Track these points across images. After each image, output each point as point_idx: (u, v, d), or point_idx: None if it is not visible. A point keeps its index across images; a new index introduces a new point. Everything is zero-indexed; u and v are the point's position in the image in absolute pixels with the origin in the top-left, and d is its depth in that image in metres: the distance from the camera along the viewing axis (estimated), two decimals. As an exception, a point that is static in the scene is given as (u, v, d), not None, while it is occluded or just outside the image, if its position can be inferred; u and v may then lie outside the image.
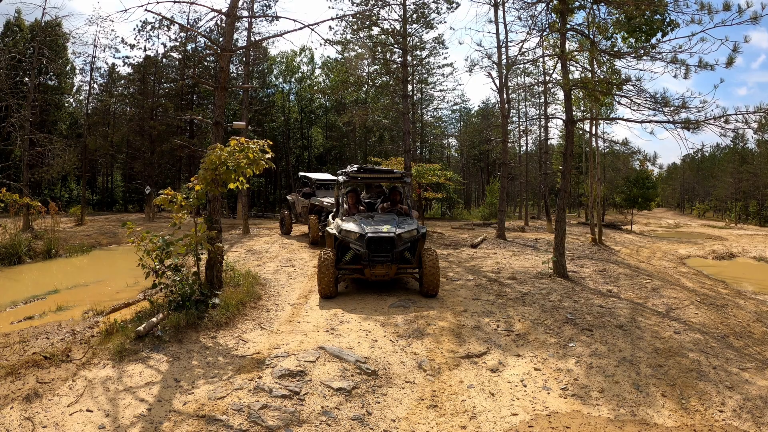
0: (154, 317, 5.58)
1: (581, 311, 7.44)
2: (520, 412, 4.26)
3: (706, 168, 67.90)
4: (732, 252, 21.74)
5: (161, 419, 3.68)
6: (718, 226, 41.26)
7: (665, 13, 10.79)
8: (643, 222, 45.85)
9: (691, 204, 74.23)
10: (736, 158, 54.10)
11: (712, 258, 20.16)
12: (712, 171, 64.16)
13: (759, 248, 22.29)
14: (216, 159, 5.93)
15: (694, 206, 70.32)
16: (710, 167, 65.56)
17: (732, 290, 12.82)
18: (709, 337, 7.11)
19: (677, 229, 39.12)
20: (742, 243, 25.11)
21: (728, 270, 16.88)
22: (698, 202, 69.96)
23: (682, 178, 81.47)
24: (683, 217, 62.65)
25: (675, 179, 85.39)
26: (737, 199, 53.12)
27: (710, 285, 13.36)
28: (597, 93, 9.80)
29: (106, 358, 4.89)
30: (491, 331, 6.24)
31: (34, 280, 11.19)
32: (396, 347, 5.35)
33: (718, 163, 62.10)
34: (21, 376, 4.77)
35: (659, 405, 4.82)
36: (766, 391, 5.22)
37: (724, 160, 59.38)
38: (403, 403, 4.13)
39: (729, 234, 32.08)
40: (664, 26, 11.38)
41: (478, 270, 10.42)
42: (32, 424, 3.80)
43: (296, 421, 3.64)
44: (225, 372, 4.46)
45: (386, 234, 7.51)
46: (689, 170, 76.14)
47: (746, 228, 40.20)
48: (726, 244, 24.54)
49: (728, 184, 55.43)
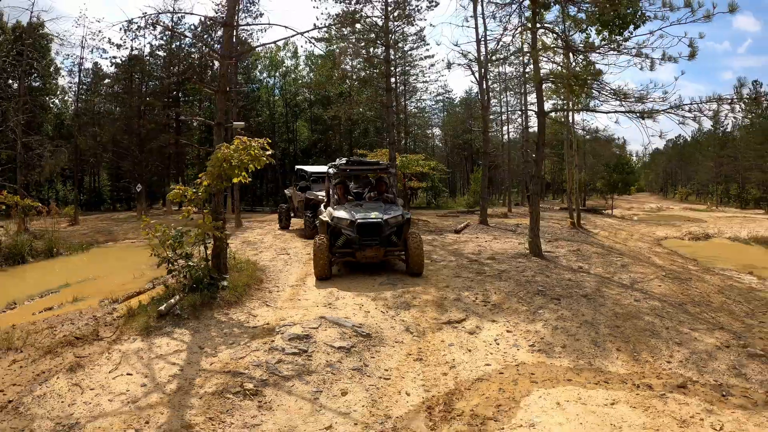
0: (172, 299, 6.29)
1: (551, 284, 8.31)
2: (493, 363, 5.08)
3: (688, 153, 68.83)
4: (708, 233, 22.67)
5: (193, 376, 4.43)
6: (700, 210, 42.38)
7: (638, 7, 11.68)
8: (625, 207, 47.01)
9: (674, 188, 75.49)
10: (717, 143, 55.44)
11: (688, 239, 21.03)
12: (693, 156, 65.39)
13: (735, 229, 23.20)
14: (222, 157, 6.63)
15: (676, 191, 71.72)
16: (692, 152, 66.60)
17: (701, 267, 13.79)
18: (667, 304, 8.02)
19: (659, 213, 40.07)
20: (720, 225, 25.95)
21: (703, 250, 17.73)
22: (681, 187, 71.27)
23: (665, 163, 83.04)
24: (666, 201, 64.08)
25: (658, 164, 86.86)
26: (718, 182, 54.65)
27: (681, 263, 14.35)
28: (565, 86, 10.63)
29: (134, 334, 5.60)
30: (470, 302, 7.07)
31: (43, 277, 11.74)
32: (386, 316, 6.14)
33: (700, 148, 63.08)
34: (59, 354, 5.46)
35: (613, 357, 5.68)
36: (713, 347, 6.08)
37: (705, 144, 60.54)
38: (394, 358, 4.93)
39: (709, 216, 33.04)
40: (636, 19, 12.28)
41: (461, 252, 11.25)
42: (80, 388, 4.52)
43: (307, 372, 4.42)
44: (241, 339, 5.22)
45: (374, 220, 8.29)
46: (672, 155, 77.35)
47: (727, 211, 41.37)
48: (703, 226, 25.40)
49: (709, 169, 56.94)
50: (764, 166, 41.14)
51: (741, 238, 20.47)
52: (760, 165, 42.42)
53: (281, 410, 3.83)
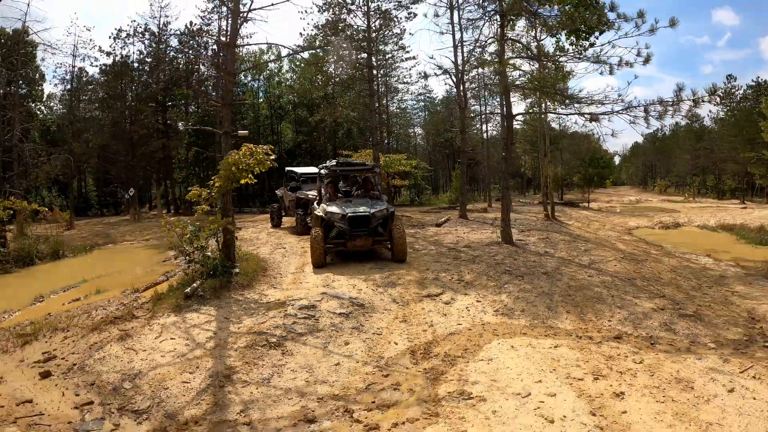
0: (194, 283, 7.41)
1: (518, 265, 9.62)
2: (463, 323, 6.33)
3: (667, 146, 69.95)
4: (678, 222, 23.82)
5: (226, 337, 5.59)
6: (677, 201, 43.65)
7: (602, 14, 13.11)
8: (605, 199, 48.41)
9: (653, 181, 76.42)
10: (693, 136, 56.86)
11: (659, 228, 22.08)
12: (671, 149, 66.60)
13: (704, 218, 24.23)
14: (232, 161, 7.76)
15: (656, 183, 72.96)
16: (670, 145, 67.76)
17: (664, 251, 15.15)
18: (618, 279, 9.38)
19: (637, 204, 41.12)
20: (691, 214, 27.04)
21: (670, 237, 18.82)
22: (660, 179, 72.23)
23: (644, 156, 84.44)
24: (646, 193, 65.29)
25: (638, 157, 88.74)
26: (695, 174, 56.65)
27: (645, 248, 15.75)
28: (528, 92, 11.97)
29: (167, 311, 6.72)
30: (447, 281, 8.33)
31: (56, 276, 12.65)
32: (376, 292, 7.36)
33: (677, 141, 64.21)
34: (104, 330, 6.54)
35: (563, 318, 6.98)
36: (650, 310, 7.41)
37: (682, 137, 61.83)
38: (384, 320, 6.15)
39: (683, 207, 34.22)
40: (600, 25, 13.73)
41: (440, 242, 12.52)
42: (134, 351, 5.64)
43: (316, 330, 5.62)
44: (259, 311, 6.38)
45: (363, 213, 9.50)
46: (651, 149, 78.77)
47: (703, 201, 42.82)
48: (675, 216, 26.33)
49: (686, 161, 58.87)
50: (738, 158, 42.85)
51: (709, 225, 21.51)
52: (734, 157, 44.15)
53: (300, 355, 5.02)
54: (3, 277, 12.88)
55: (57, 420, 4.21)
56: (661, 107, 11.29)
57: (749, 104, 45.14)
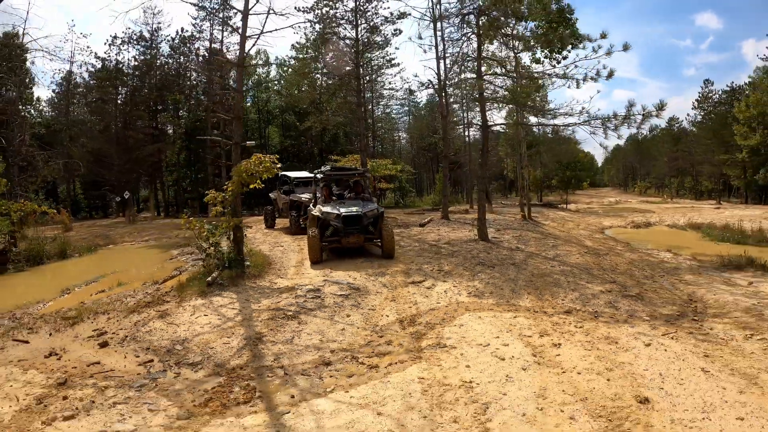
0: (214, 273, 8.68)
1: (490, 258, 11.07)
2: (442, 302, 7.72)
3: (646, 148, 71.62)
4: (649, 222, 25.22)
5: (250, 313, 6.89)
6: (656, 202, 44.91)
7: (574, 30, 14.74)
8: (585, 201, 49.78)
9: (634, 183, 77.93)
10: (671, 139, 58.94)
11: (631, 227, 23.55)
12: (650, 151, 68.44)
13: (675, 218, 25.65)
14: (244, 168, 9.05)
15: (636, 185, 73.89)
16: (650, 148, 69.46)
17: (629, 247, 16.67)
18: (576, 269, 10.87)
19: (615, 205, 42.21)
20: (664, 214, 28.45)
21: (640, 235, 20.21)
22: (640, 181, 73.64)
23: (624, 159, 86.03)
24: (626, 195, 66.48)
25: (619, 160, 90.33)
26: (673, 176, 58.74)
27: (611, 244, 17.29)
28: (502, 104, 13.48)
29: (193, 296, 7.98)
30: (428, 271, 9.72)
31: (70, 273, 13.73)
32: (369, 280, 8.72)
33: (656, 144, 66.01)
34: (141, 312, 7.77)
35: (524, 298, 8.40)
36: (599, 292, 8.86)
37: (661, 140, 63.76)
38: (377, 300, 7.52)
39: (659, 208, 35.40)
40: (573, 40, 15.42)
41: (423, 240, 13.92)
42: (175, 325, 6.89)
43: (323, 306, 6.96)
44: (273, 294, 7.70)
45: (356, 213, 10.83)
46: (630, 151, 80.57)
47: (680, 202, 44.35)
48: (647, 216, 27.79)
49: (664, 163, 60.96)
50: (714, 160, 44.81)
51: (678, 225, 22.75)
52: (710, 159, 46.12)
53: (312, 324, 6.36)
54: (19, 274, 13.91)
55: (127, 373, 5.46)
56: (617, 120, 12.91)
57: (724, 108, 47.08)
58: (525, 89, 14.27)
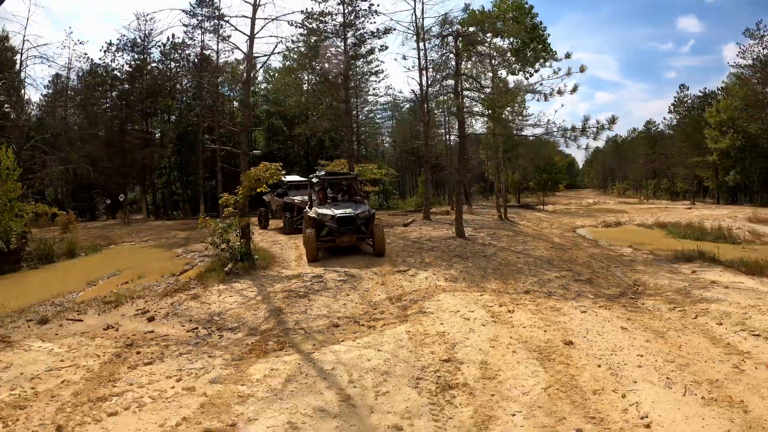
0: (229, 264, 10.20)
1: (465, 252, 12.79)
2: (423, 285, 9.38)
3: (624, 151, 74.26)
4: (620, 221, 26.66)
5: (267, 294, 8.46)
6: (632, 203, 46.86)
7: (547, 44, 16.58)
8: (564, 202, 51.31)
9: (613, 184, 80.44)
10: (647, 142, 61.27)
11: (602, 226, 25.12)
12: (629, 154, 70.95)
13: (645, 217, 27.39)
14: (253, 174, 10.60)
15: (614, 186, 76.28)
16: (628, 150, 72.02)
17: (594, 244, 18.51)
18: (539, 260, 12.65)
19: (592, 206, 43.93)
20: (636, 214, 30.16)
21: (609, 234, 21.37)
22: (618, 183, 76.19)
23: (604, 161, 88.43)
24: (605, 196, 68.91)
25: (599, 162, 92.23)
26: (650, 178, 60.97)
27: (578, 241, 19.15)
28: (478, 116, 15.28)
29: (216, 283, 9.50)
30: (412, 262, 11.40)
31: (87, 269, 14.96)
32: (361, 270, 10.36)
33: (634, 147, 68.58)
34: (173, 296, 9.24)
35: (491, 282, 10.09)
36: (554, 277, 10.60)
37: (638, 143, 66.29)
38: (369, 284, 9.17)
39: (633, 208, 37.34)
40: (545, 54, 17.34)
41: (407, 238, 15.59)
42: (207, 303, 8.41)
43: (326, 288, 8.59)
44: (283, 280, 9.28)
45: (349, 214, 12.36)
46: (609, 153, 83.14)
47: (656, 203, 46.46)
48: (619, 216, 29.59)
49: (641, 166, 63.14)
50: (687, 162, 47.04)
51: (647, 224, 23.96)
52: (684, 161, 48.44)
53: (320, 301, 7.98)
54: (34, 271, 15.10)
55: (179, 337, 6.99)
56: (576, 132, 14.81)
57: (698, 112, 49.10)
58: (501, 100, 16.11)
